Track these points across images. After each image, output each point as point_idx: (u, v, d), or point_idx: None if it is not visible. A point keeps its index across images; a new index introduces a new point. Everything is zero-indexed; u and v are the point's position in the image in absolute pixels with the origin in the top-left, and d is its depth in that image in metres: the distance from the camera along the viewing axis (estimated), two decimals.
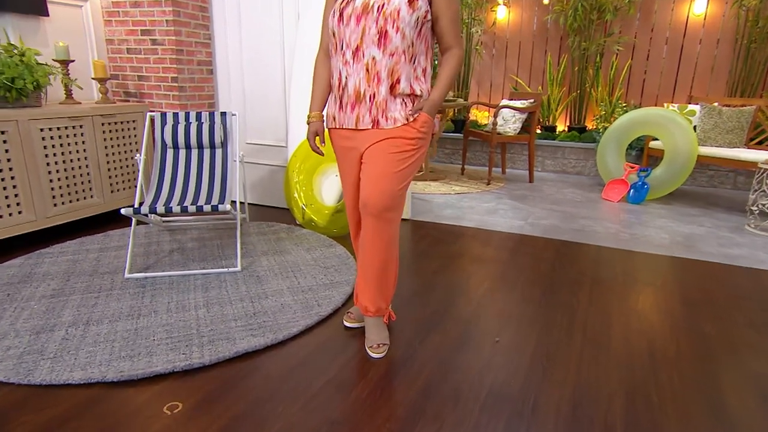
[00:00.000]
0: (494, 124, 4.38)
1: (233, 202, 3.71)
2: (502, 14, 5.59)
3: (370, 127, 1.63)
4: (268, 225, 3.16)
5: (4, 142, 2.55)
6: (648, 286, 2.36)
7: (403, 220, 3.35)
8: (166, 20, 3.19)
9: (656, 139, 4.36)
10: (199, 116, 2.87)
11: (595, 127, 5.22)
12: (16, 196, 2.62)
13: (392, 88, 1.59)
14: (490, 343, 1.83)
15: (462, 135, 5.46)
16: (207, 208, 2.30)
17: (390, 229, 1.67)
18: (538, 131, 5.46)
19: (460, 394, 1.53)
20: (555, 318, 2.03)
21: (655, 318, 2.05)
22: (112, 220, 3.25)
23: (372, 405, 1.47)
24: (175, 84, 3.29)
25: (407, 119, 1.61)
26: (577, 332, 1.92)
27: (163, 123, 2.82)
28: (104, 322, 1.90)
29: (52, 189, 2.80)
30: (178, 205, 2.33)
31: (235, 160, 3.03)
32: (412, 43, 1.56)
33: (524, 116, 4.53)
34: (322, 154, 1.83)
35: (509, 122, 4.54)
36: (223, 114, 2.88)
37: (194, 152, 2.83)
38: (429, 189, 4.30)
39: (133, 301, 2.07)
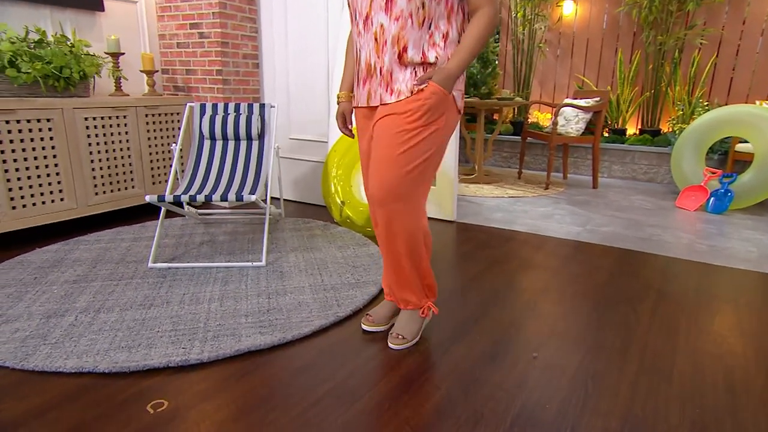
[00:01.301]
0: (554, 123, 4.04)
1: (270, 198, 3.64)
2: (568, 9, 5.23)
3: (379, 103, 1.46)
4: (304, 221, 3.04)
5: (50, 129, 2.60)
6: (727, 304, 1.99)
7: (447, 221, 3.12)
8: (212, 12, 3.18)
9: (744, 141, 3.86)
10: (237, 107, 2.80)
11: (670, 129, 4.72)
12: (58, 183, 2.67)
13: (400, 57, 1.39)
14: (527, 358, 1.57)
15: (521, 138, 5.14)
16: (231, 197, 2.20)
17: (403, 220, 1.46)
18: (606, 134, 5.04)
19: (482, 416, 1.29)
20: (607, 336, 1.73)
21: (736, 342, 1.70)
22: (152, 211, 3.26)
23: (375, 420, 1.27)
24: (220, 77, 3.27)
25: (412, 91, 1.40)
26: (632, 354, 1.61)
27: (202, 113, 2.78)
28: (115, 310, 1.83)
29: (94, 178, 2.83)
30: (202, 194, 2.25)
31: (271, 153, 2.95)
32: (423, 5, 1.35)
33: (588, 116, 4.16)
34: (352, 137, 1.68)
35: (571, 122, 4.18)
36: (262, 105, 2.80)
37: (231, 144, 2.77)
38: (481, 192, 4.03)
39: (149, 291, 2.00)
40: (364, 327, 1.74)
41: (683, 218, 3.32)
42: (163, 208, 2.40)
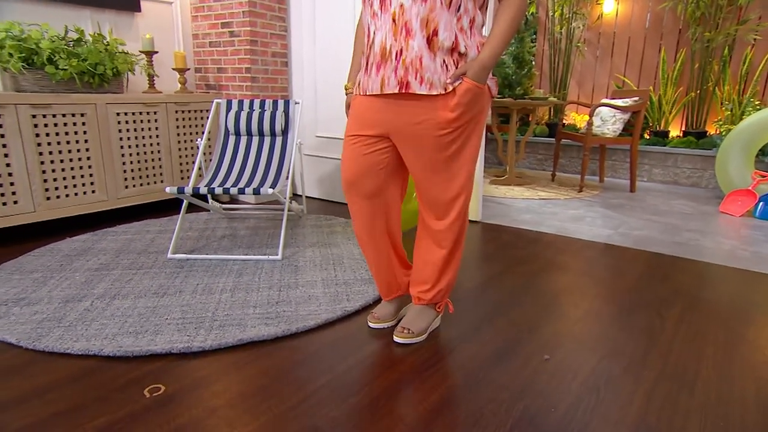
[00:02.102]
0: (589, 123, 3.89)
1: (292, 194, 3.66)
2: (609, 7, 5.05)
3: (396, 90, 1.34)
4: (326, 218, 3.03)
5: (83, 124, 2.70)
6: (766, 314, 1.84)
7: (472, 221, 3.05)
8: (243, 11, 3.23)
9: None
10: (262, 104, 2.83)
11: (717, 131, 4.46)
12: (90, 176, 2.76)
13: (429, 41, 1.29)
14: (537, 360, 1.50)
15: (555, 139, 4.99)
16: (248, 191, 2.21)
17: (462, 215, 1.52)
18: (646, 136, 4.82)
19: (481, 417, 1.23)
20: (627, 341, 1.63)
21: None
22: (180, 205, 3.33)
23: (369, 416, 1.22)
24: (248, 75, 3.32)
25: (445, 88, 1.32)
26: (653, 361, 1.51)
27: (228, 109, 2.82)
28: (129, 297, 1.86)
29: (125, 172, 2.91)
30: (220, 186, 2.27)
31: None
32: None
33: (626, 116, 3.98)
34: None
35: (608, 123, 4.01)
36: (287, 102, 2.82)
37: (255, 139, 2.80)
38: (511, 193, 3.92)
39: (164, 280, 2.03)
40: (371, 324, 1.70)
41: (726, 223, 3.12)
42: (185, 201, 2.44)
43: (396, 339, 1.58)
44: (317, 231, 2.77)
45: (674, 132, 4.84)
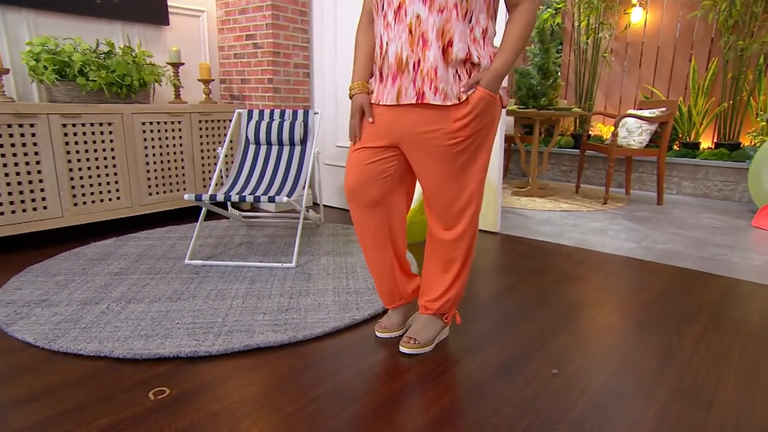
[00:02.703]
0: (614, 134, 3.81)
1: (310, 203, 3.69)
2: (637, 17, 4.96)
3: (414, 101, 1.34)
4: (344, 227, 3.04)
5: (110, 132, 2.80)
6: None
7: (489, 233, 3.01)
8: (266, 24, 3.30)
9: None
10: (282, 113, 2.88)
11: (752, 142, 4.30)
12: (116, 183, 2.85)
13: (444, 52, 1.30)
14: (545, 374, 1.46)
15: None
16: (264, 198, 2.24)
17: (471, 227, 1.51)
18: (676, 148, 4.68)
19: (483, 431, 1.20)
20: (641, 358, 1.57)
21: None
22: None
23: (367, 425, 1.21)
24: (270, 86, 3.38)
25: (459, 98, 1.32)
26: (668, 378, 1.45)
27: (249, 119, 2.88)
28: (144, 301, 1.90)
29: (149, 179, 3.00)
30: (237, 194, 2.31)
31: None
32: None
33: (653, 127, 3.88)
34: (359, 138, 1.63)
35: (634, 134, 3.92)
36: (306, 112, 2.86)
37: (274, 148, 2.84)
38: (532, 205, 3.87)
39: (179, 286, 2.07)
40: (378, 334, 1.69)
41: (759, 239, 2.99)
42: (203, 209, 2.49)
43: (402, 349, 1.57)
44: (333, 240, 2.78)
45: (705, 143, 4.69)
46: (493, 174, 2.93)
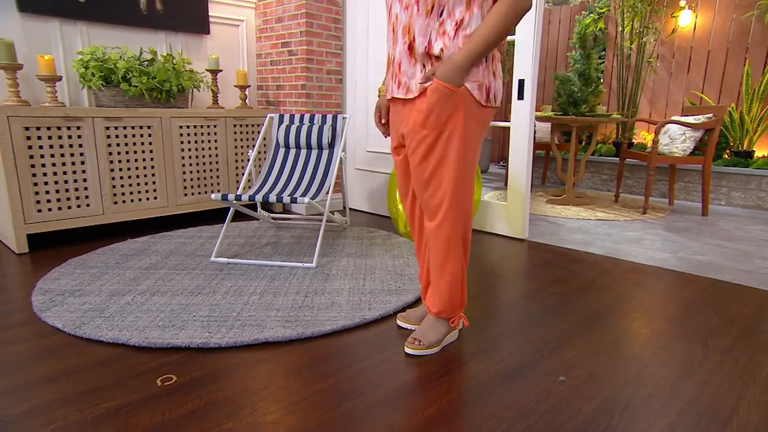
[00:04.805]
0: (654, 141, 3.66)
1: (344, 209, 3.72)
2: (685, 20, 4.76)
3: (390, 96, 1.50)
4: (368, 231, 3.07)
5: (149, 135, 2.94)
6: None
7: (516, 239, 2.95)
8: (300, 31, 3.40)
9: None
10: (312, 118, 2.94)
11: None
12: (153, 183, 3.00)
13: (410, 47, 1.37)
14: (551, 381, 1.41)
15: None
16: (286, 199, 2.29)
17: (442, 229, 1.48)
18: (726, 157, 4.44)
19: None
20: (658, 369, 1.49)
21: None
22: (236, 214, 3.51)
23: (361, 422, 1.22)
24: (303, 91, 3.47)
25: (420, 91, 1.37)
26: (684, 391, 1.37)
27: (280, 123, 2.97)
28: (168, 294, 1.99)
29: (185, 180, 3.13)
30: (261, 195, 2.38)
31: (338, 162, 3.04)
32: None
33: (698, 134, 3.70)
34: (385, 135, 1.67)
35: (677, 141, 3.75)
36: (335, 116, 2.91)
37: (303, 152, 2.91)
38: (566, 213, 3.76)
39: (202, 281, 2.14)
40: (398, 321, 1.77)
41: None
42: (231, 209, 2.58)
43: (406, 349, 1.56)
44: (357, 242, 2.81)
45: (760, 152, 4.42)
46: (520, 180, 2.87)
